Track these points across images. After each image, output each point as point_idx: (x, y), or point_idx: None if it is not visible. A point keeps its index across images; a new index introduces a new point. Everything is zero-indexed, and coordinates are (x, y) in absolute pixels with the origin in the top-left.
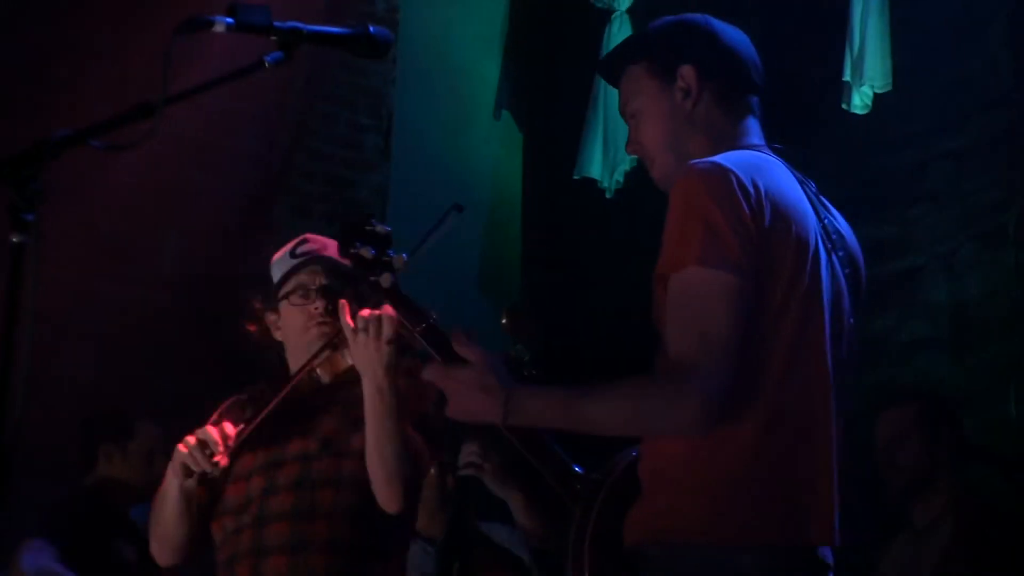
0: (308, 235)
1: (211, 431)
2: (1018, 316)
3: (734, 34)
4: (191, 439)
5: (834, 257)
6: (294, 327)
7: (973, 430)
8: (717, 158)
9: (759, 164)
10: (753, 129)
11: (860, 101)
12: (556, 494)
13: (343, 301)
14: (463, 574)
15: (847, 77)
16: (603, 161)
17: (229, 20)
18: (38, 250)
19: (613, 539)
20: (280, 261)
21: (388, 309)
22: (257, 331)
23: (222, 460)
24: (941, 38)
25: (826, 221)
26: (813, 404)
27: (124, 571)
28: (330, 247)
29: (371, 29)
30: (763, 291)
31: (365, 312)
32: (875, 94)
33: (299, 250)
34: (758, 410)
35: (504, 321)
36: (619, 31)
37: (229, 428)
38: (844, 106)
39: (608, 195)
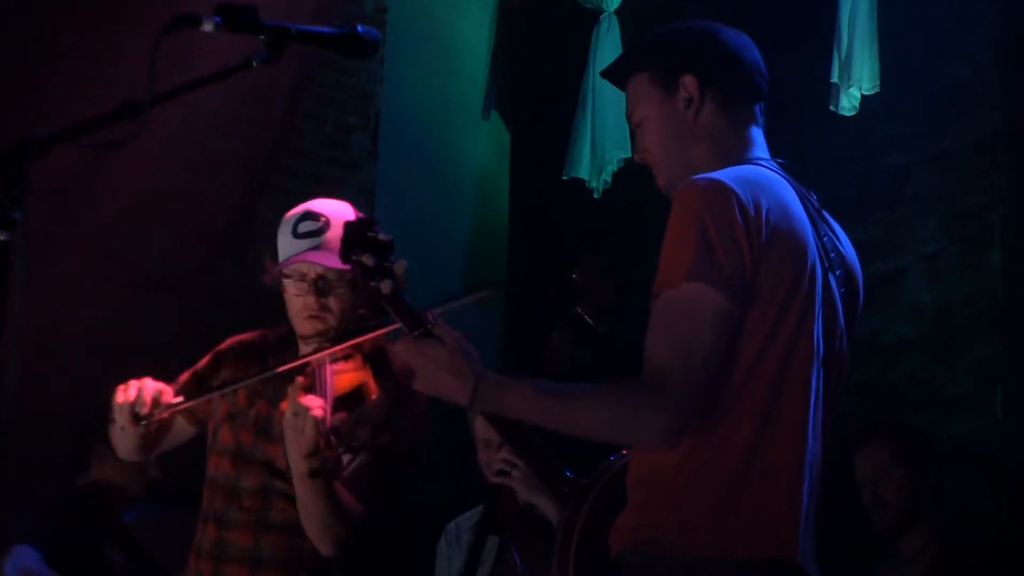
0: (314, 206)
1: (147, 391)
2: (1002, 318)
3: (738, 40)
4: (130, 390)
5: (831, 276)
6: (291, 306)
7: (958, 433)
8: (719, 174)
9: (761, 181)
10: (757, 141)
11: (848, 103)
12: None
13: (296, 383)
14: (499, 549)
15: (835, 79)
16: (591, 161)
17: (217, 19)
18: (26, 248)
19: (599, 544)
20: (284, 233)
21: (317, 408)
22: (271, 280)
23: (151, 420)
24: (926, 42)
25: (826, 239)
26: (798, 424)
27: (112, 575)
28: (334, 223)
29: (359, 29)
30: (757, 311)
31: (302, 399)
32: (861, 97)
33: (301, 229)
34: (747, 428)
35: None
36: (607, 32)
37: (168, 396)
38: (832, 108)
39: (596, 195)
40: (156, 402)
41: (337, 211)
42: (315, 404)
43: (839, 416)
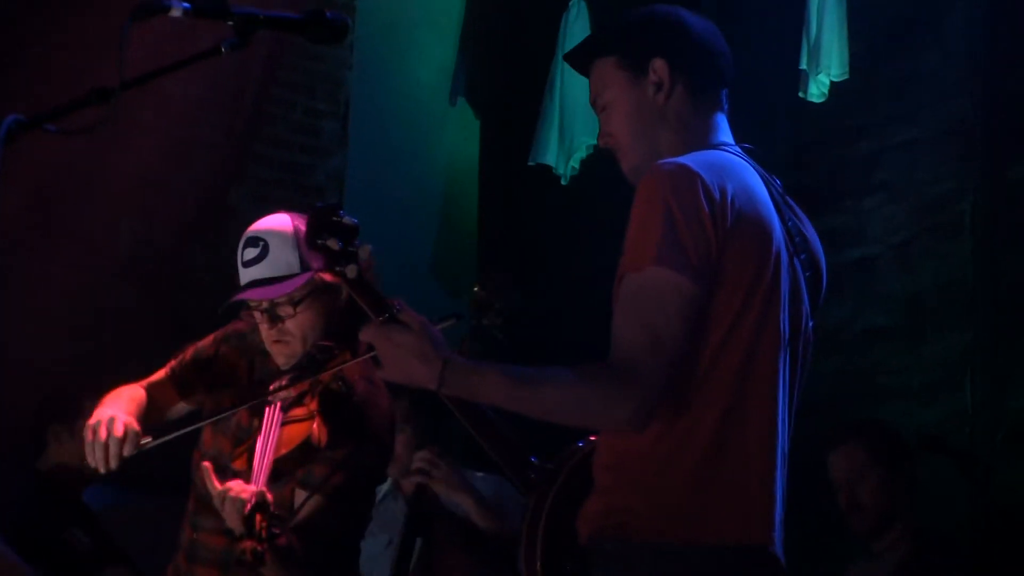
0: (257, 228)
1: (117, 431)
2: (972, 306)
3: (705, 26)
4: (100, 430)
5: (796, 261)
6: (260, 331)
7: (928, 421)
8: (685, 159)
9: (727, 166)
10: (722, 126)
11: (817, 90)
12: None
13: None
14: (425, 549)
15: (804, 65)
16: (559, 148)
17: (186, 5)
18: None
19: (566, 530)
20: (238, 257)
21: (241, 490)
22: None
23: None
24: (896, 27)
25: (790, 224)
26: (765, 409)
27: (78, 559)
28: (273, 244)
29: (328, 15)
30: (723, 296)
31: (230, 484)
32: (831, 84)
33: (245, 257)
34: (715, 412)
35: (477, 289)
36: (576, 18)
37: (131, 435)
38: (801, 95)
39: (563, 182)
40: (126, 441)
41: (277, 229)
42: (236, 489)
43: (811, 406)
